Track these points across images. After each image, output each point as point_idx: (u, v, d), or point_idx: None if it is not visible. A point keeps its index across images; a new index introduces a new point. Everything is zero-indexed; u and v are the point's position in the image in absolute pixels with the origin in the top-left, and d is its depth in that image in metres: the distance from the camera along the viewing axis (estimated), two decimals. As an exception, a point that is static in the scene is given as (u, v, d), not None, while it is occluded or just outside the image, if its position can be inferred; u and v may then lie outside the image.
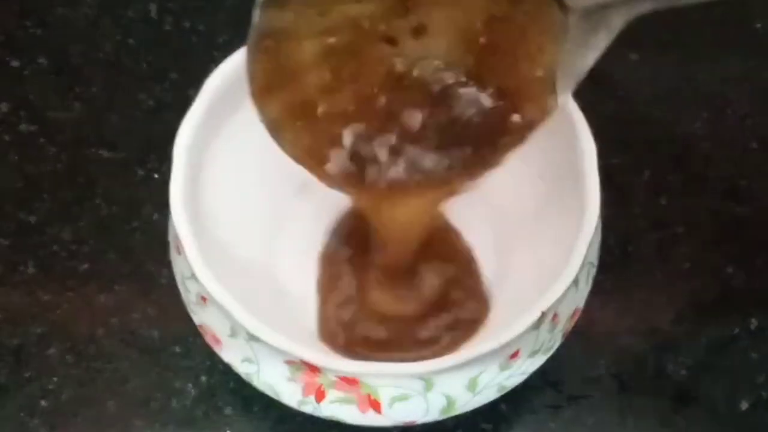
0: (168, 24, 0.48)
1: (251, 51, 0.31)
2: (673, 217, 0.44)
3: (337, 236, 0.41)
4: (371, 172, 0.32)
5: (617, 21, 0.29)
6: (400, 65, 0.32)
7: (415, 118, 0.32)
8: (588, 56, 0.30)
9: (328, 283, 0.40)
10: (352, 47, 0.32)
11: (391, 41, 0.32)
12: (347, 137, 0.32)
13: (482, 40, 0.32)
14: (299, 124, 0.32)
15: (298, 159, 0.32)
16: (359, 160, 0.32)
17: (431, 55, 0.32)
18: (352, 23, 0.31)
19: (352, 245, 0.40)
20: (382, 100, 0.32)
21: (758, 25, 0.49)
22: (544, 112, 0.31)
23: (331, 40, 0.32)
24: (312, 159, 0.32)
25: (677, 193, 0.44)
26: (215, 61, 0.34)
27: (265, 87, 0.32)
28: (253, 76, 0.32)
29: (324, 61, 0.32)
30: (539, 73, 0.31)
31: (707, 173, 0.45)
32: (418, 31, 0.32)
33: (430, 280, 0.40)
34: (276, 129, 0.32)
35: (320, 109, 0.32)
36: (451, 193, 0.32)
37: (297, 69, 0.32)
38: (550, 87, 0.31)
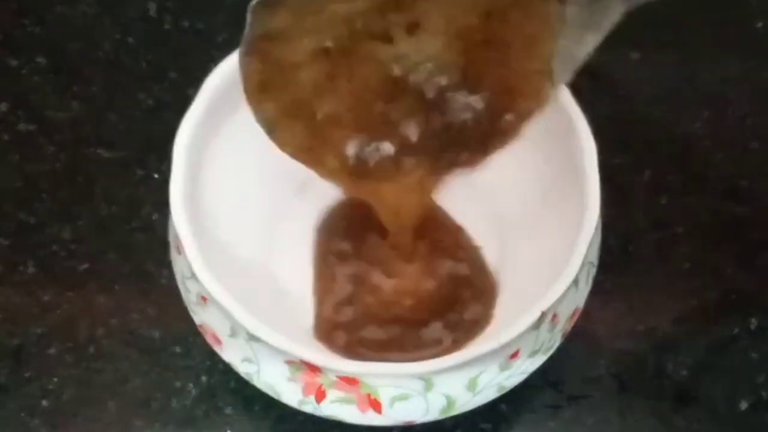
0: (167, 23, 0.48)
1: (245, 51, 0.31)
2: (673, 217, 0.44)
3: (332, 233, 0.40)
4: (368, 166, 0.32)
5: (615, 11, 0.29)
6: (394, 62, 0.32)
7: (409, 110, 0.33)
8: (585, 44, 0.30)
9: (324, 284, 0.40)
10: (346, 45, 0.32)
11: (385, 38, 0.32)
12: (343, 132, 0.33)
13: (479, 30, 0.32)
14: (294, 123, 0.32)
15: (294, 155, 0.32)
16: (356, 154, 0.32)
17: (426, 50, 0.32)
18: (345, 22, 0.31)
19: (349, 241, 0.40)
20: (377, 94, 0.32)
21: (758, 25, 0.49)
22: (541, 102, 0.31)
23: (325, 39, 0.32)
24: (308, 155, 0.32)
25: (677, 193, 0.44)
26: (215, 61, 0.34)
27: (260, 86, 0.32)
28: (247, 76, 0.32)
29: (318, 60, 0.32)
30: (537, 62, 0.31)
31: (707, 173, 0.45)
32: (412, 28, 0.32)
33: (433, 281, 0.40)
34: (271, 128, 0.32)
35: (315, 107, 0.32)
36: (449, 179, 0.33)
37: (291, 68, 0.32)
38: (547, 77, 0.31)
